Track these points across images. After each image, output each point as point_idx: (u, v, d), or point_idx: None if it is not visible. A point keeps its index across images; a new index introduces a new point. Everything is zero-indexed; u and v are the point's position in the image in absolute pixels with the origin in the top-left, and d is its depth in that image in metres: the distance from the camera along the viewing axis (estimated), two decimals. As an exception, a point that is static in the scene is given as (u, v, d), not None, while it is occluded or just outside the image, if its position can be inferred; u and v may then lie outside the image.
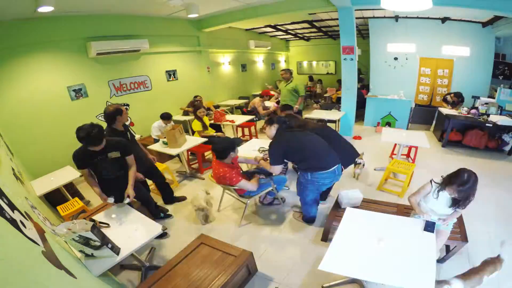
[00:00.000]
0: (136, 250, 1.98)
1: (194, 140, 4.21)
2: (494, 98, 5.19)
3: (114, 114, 2.73)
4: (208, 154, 4.87)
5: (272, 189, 2.99)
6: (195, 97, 5.95)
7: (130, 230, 2.10)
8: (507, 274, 2.15)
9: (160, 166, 3.87)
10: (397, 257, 1.64)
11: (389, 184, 3.69)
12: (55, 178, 3.38)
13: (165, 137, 4.01)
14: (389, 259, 1.63)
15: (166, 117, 4.68)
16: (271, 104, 6.79)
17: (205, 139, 4.26)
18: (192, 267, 2.03)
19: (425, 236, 1.79)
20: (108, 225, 2.10)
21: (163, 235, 2.87)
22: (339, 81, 9.20)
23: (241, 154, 3.13)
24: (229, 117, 5.79)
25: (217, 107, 7.02)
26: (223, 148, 2.67)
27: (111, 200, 2.33)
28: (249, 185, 2.74)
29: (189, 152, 4.71)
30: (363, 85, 7.66)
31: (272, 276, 2.31)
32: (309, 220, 2.92)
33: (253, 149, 3.56)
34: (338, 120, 5.43)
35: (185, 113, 6.07)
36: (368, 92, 6.86)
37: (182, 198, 3.59)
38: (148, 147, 4.22)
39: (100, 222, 2.09)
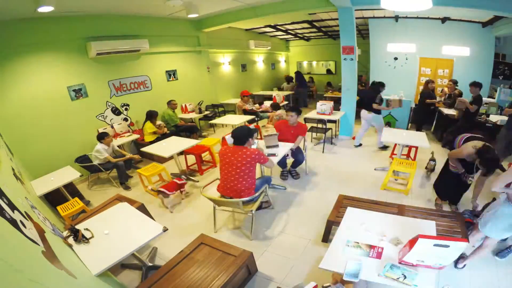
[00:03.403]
0: (137, 250, 1.97)
1: (187, 142, 4.20)
2: (494, 98, 5.20)
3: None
4: (206, 155, 4.87)
5: (264, 189, 2.95)
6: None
7: (131, 230, 2.10)
8: (505, 273, 2.16)
9: (157, 167, 3.90)
10: (397, 257, 1.62)
11: (391, 183, 3.70)
12: (55, 178, 3.38)
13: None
14: (390, 259, 1.62)
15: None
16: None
17: (198, 141, 4.39)
18: (192, 267, 2.03)
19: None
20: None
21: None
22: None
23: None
24: (229, 117, 5.81)
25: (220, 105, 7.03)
26: (245, 134, 2.72)
27: None
28: (271, 163, 2.92)
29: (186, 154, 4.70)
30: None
31: (272, 276, 2.31)
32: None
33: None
34: (338, 120, 5.43)
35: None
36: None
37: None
38: (142, 149, 4.27)
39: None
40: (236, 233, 2.95)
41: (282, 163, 3.89)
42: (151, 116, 5.05)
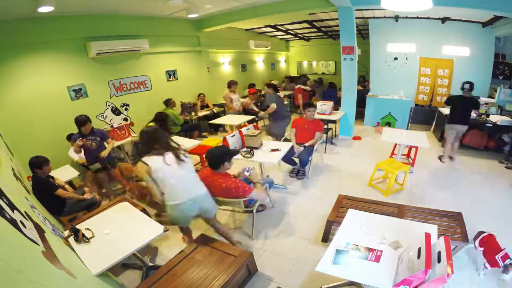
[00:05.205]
0: (137, 250, 1.97)
1: (189, 142, 4.14)
2: (494, 98, 5.20)
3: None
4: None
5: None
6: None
7: (132, 230, 2.11)
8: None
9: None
10: (396, 261, 1.60)
11: (380, 183, 3.72)
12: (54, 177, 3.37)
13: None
14: (388, 262, 1.60)
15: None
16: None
17: (199, 141, 4.36)
18: (192, 267, 2.03)
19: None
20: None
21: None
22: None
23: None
24: (229, 116, 5.79)
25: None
26: (218, 156, 2.37)
27: None
28: (261, 194, 2.68)
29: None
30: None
31: (272, 276, 2.31)
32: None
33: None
34: (338, 120, 5.43)
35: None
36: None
37: None
38: None
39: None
40: (236, 233, 2.95)
41: (291, 160, 3.89)
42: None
